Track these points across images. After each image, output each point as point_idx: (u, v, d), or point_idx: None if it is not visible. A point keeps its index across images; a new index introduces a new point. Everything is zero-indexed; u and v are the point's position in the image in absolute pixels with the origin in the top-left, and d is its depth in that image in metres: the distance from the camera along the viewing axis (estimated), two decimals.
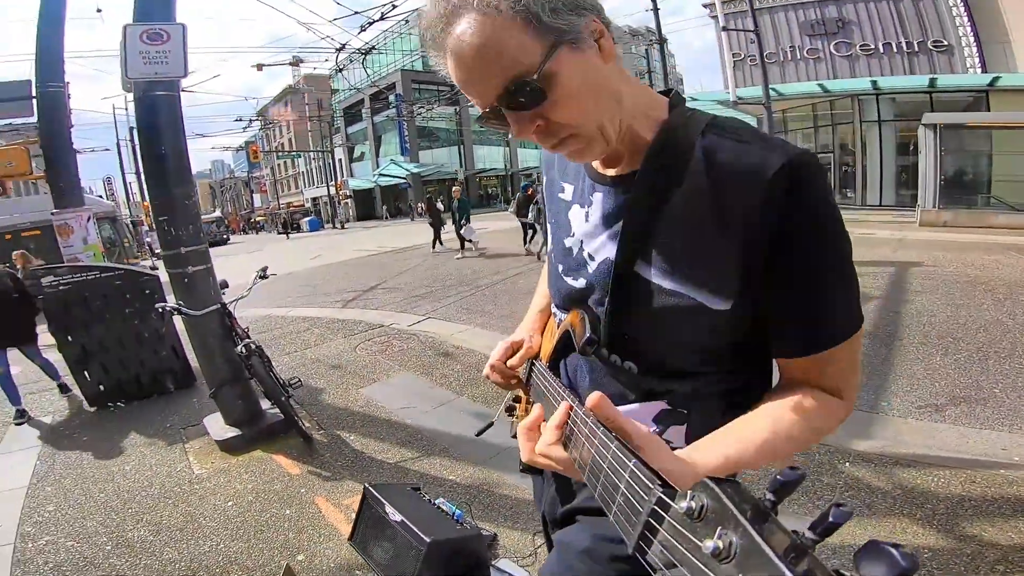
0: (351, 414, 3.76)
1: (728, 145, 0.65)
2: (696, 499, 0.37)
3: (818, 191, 0.62)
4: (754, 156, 0.62)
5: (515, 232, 13.58)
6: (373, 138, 40.46)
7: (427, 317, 6.40)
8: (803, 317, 0.65)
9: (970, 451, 2.56)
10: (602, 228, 0.77)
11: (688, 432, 0.79)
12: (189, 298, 3.38)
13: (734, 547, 0.33)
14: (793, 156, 0.61)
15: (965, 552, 1.92)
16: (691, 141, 0.67)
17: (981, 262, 6.83)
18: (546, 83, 0.60)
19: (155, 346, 4.52)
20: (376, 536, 2.04)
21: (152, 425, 3.97)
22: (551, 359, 0.94)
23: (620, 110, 0.68)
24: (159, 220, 3.32)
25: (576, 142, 0.67)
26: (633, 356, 0.77)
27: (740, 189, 0.62)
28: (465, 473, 2.83)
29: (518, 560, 2.11)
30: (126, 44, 3.05)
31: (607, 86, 0.66)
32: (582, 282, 0.80)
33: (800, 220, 0.61)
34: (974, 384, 3.27)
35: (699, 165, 0.66)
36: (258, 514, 2.61)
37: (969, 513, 2.12)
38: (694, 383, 0.76)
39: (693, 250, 0.66)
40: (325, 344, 5.65)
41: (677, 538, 0.39)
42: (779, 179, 0.60)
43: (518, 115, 0.64)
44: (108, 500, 2.94)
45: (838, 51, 16.44)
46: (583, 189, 0.81)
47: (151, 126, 3.23)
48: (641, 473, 0.45)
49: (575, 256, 0.82)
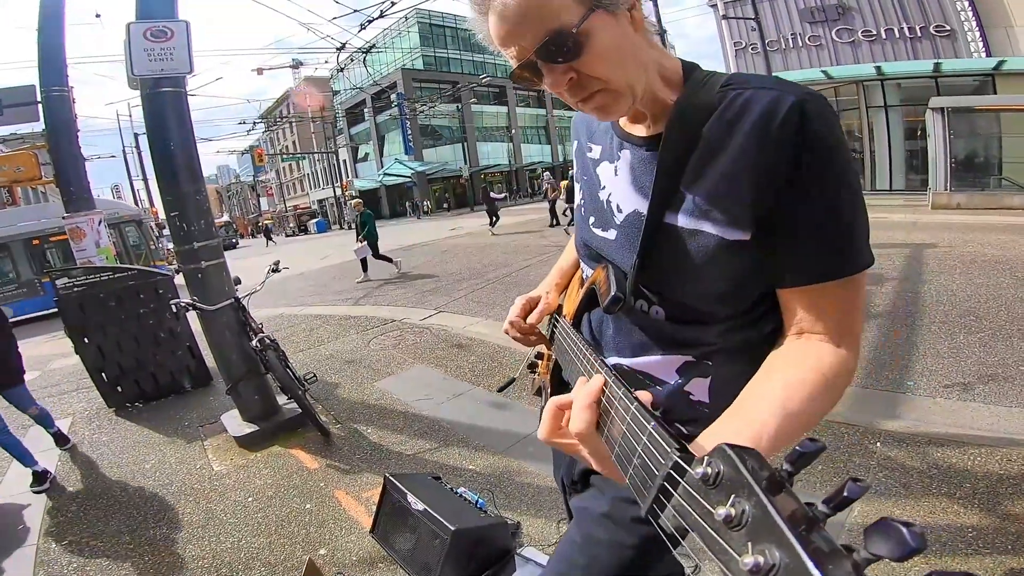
0: (367, 407, 3.75)
1: (744, 93, 0.69)
2: (713, 465, 0.37)
3: (828, 126, 0.65)
4: (767, 98, 0.66)
5: (525, 223, 13.64)
6: (376, 138, 40.56)
7: (439, 311, 6.39)
8: (819, 243, 0.67)
9: (1002, 429, 2.48)
10: (630, 183, 0.81)
11: (711, 384, 0.81)
12: (203, 294, 3.38)
13: (746, 515, 0.33)
14: (803, 95, 0.65)
15: (1010, 531, 1.86)
16: (712, 97, 0.71)
17: (997, 242, 6.72)
18: (582, 39, 0.65)
19: (171, 345, 4.54)
20: (398, 527, 2.02)
21: (170, 424, 3.98)
22: (575, 315, 0.95)
23: (646, 74, 0.72)
24: (171, 216, 3.32)
25: (604, 96, 0.70)
26: (660, 302, 0.79)
27: (755, 128, 0.66)
28: (485, 462, 2.81)
29: (543, 548, 2.07)
30: (130, 42, 3.06)
31: (636, 51, 0.70)
32: (612, 233, 0.84)
33: (812, 152, 0.64)
34: (1000, 362, 3.19)
35: (717, 119, 0.70)
36: (278, 509, 2.60)
37: (1010, 492, 2.05)
38: (719, 331, 0.77)
39: (715, 190, 0.69)
40: (338, 340, 5.65)
41: (691, 503, 0.39)
42: (791, 115, 0.63)
43: (553, 67, 0.68)
44: (129, 499, 2.94)
45: (840, 37, 16.37)
46: (611, 147, 0.86)
47: (159, 123, 3.22)
48: (660, 436, 0.46)
49: (605, 208, 0.86)
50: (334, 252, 16.27)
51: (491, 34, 0.69)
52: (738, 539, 0.33)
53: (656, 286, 0.79)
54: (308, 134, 47.45)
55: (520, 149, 42.92)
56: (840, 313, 0.69)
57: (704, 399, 0.81)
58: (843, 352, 0.68)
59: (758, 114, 0.66)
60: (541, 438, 0.65)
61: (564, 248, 1.17)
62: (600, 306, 0.81)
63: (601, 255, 0.87)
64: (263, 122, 38.79)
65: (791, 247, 0.68)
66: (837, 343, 0.68)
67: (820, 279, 0.67)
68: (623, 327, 0.86)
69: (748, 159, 0.66)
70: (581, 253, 0.96)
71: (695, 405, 0.81)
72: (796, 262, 0.68)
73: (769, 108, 0.65)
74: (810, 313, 0.69)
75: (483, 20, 0.70)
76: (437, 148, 38.67)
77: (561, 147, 46.86)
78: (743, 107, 0.67)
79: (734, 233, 0.69)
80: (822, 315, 0.69)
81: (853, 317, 0.70)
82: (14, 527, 2.80)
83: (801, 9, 16.77)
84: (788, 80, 0.70)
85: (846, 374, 0.67)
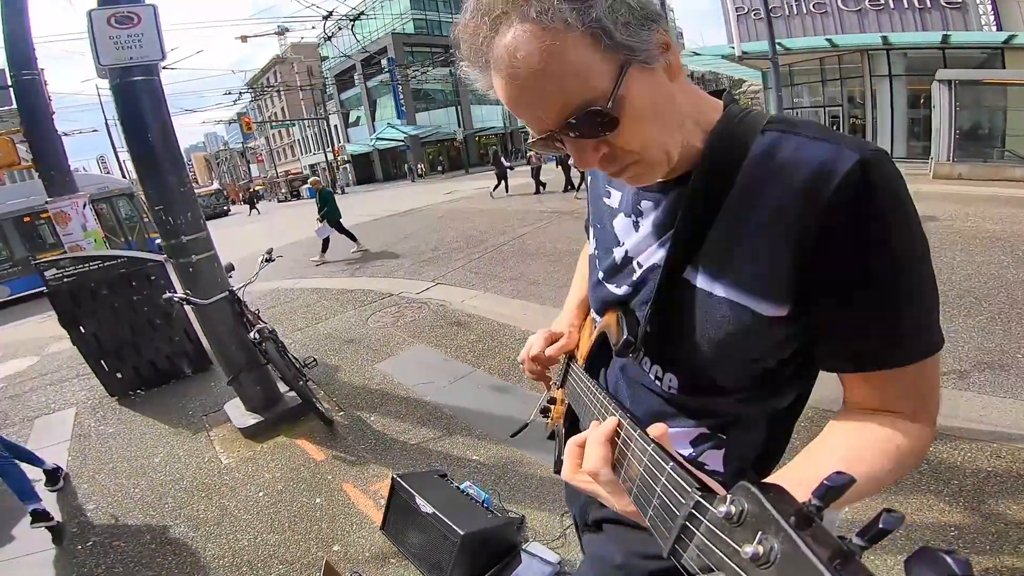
0: (369, 392, 3.77)
1: (790, 142, 0.59)
2: (736, 503, 0.36)
3: (894, 194, 0.55)
4: (821, 153, 0.56)
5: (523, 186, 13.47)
6: (368, 103, 39.61)
7: (436, 283, 6.38)
8: (886, 329, 0.58)
9: (994, 422, 2.51)
10: (652, 237, 0.72)
11: (725, 455, 0.77)
12: (195, 287, 3.32)
13: (775, 552, 0.32)
14: (867, 155, 0.54)
15: (991, 531, 1.90)
16: (746, 141, 0.62)
17: (999, 216, 6.69)
18: (617, 110, 0.55)
19: (167, 331, 4.51)
20: (408, 526, 2.05)
21: (174, 412, 4.00)
22: (587, 361, 0.92)
23: (682, 131, 0.63)
24: (155, 210, 3.21)
25: (639, 167, 0.62)
26: (675, 368, 0.73)
27: (804, 189, 0.56)
28: (489, 452, 2.84)
29: (547, 542, 2.12)
30: (93, 30, 2.85)
31: (673, 107, 0.60)
32: (624, 289, 0.77)
33: (874, 225, 0.54)
34: (998, 349, 3.21)
35: (756, 166, 0.60)
36: (289, 504, 2.64)
37: (995, 490, 2.09)
38: (736, 401, 0.72)
39: (748, 254, 0.61)
40: (336, 317, 5.64)
41: (715, 542, 0.38)
42: (850, 179, 0.53)
43: (582, 143, 0.58)
44: (144, 496, 2.96)
45: (846, 5, 15.88)
46: (630, 198, 0.77)
47: (133, 115, 3.05)
48: (679, 476, 0.44)
49: (620, 266, 0.78)
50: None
51: (498, 94, 0.58)
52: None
53: (669, 346, 0.72)
54: (297, 101, 46.16)
55: None
56: (915, 396, 0.61)
57: (718, 468, 0.78)
58: (917, 426, 0.61)
59: (811, 170, 0.55)
60: (564, 477, 0.63)
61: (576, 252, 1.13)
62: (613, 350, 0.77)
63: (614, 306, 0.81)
64: (250, 91, 37.55)
65: (851, 331, 0.59)
66: (912, 419, 0.61)
67: (887, 366, 0.59)
68: (637, 396, 0.82)
69: (794, 223, 0.56)
70: (593, 305, 0.91)
71: (708, 474, 0.80)
72: (860, 347, 0.60)
73: (825, 165, 0.55)
74: (882, 396, 0.62)
75: (483, 75, 0.59)
76: (430, 112, 37.91)
77: None
78: (791, 158, 0.58)
79: (768, 308, 0.60)
80: (895, 398, 0.61)
81: (929, 397, 0.62)
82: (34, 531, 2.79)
83: None
84: (840, 133, 0.60)
85: (921, 448, 0.61)
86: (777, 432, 0.77)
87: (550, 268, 6.46)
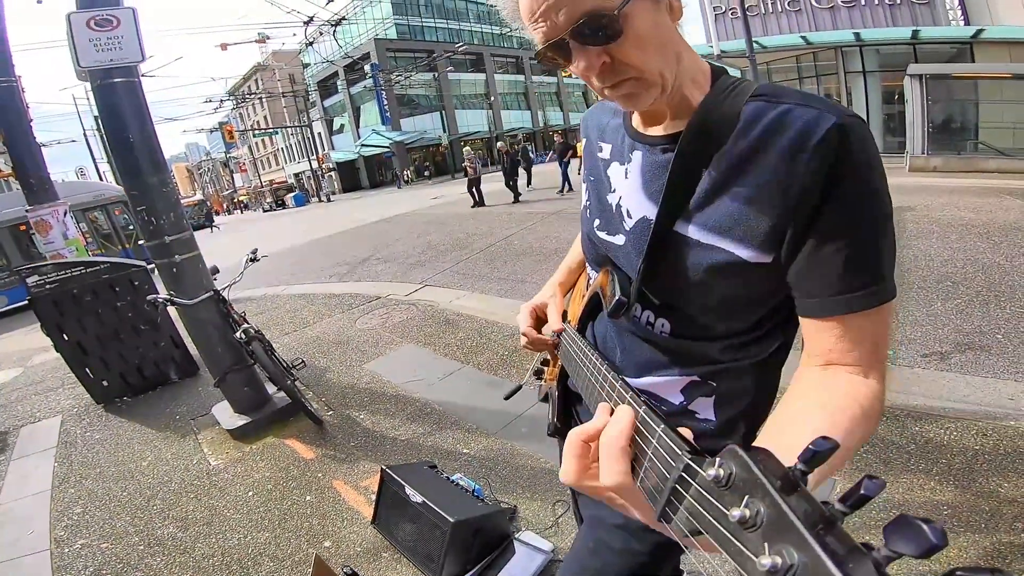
0: (358, 391, 3.75)
1: (776, 107, 0.65)
2: (724, 466, 0.37)
3: (868, 152, 0.62)
4: (803, 116, 0.62)
5: (502, 193, 13.54)
6: (352, 109, 39.47)
7: (424, 285, 6.36)
8: (850, 274, 0.63)
9: (979, 401, 2.55)
10: (640, 186, 0.77)
11: (715, 402, 0.81)
12: (180, 288, 3.30)
13: (761, 516, 0.33)
14: (844, 117, 0.61)
15: (984, 509, 1.91)
16: (738, 105, 0.68)
17: (974, 205, 6.85)
18: (623, 21, 0.61)
19: (153, 337, 4.45)
20: (399, 518, 2.05)
21: (161, 417, 3.94)
22: (580, 321, 0.94)
23: (678, 67, 0.69)
24: (138, 211, 3.19)
25: (636, 85, 0.67)
26: (667, 314, 0.78)
27: (788, 148, 0.62)
28: (479, 445, 2.84)
29: (540, 531, 2.12)
30: (72, 32, 2.86)
31: (672, 41, 0.67)
32: (620, 239, 0.81)
33: (849, 179, 0.61)
34: (976, 330, 3.28)
35: (746, 127, 0.66)
36: (279, 502, 2.61)
37: (984, 468, 2.11)
38: (724, 347, 0.76)
39: (737, 207, 0.66)
40: (324, 320, 5.60)
41: (704, 505, 0.39)
42: (829, 138, 0.60)
43: (586, 50, 0.64)
44: (131, 498, 2.92)
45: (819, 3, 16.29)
46: (622, 147, 0.82)
47: (114, 115, 3.05)
48: (669, 439, 0.45)
49: (614, 212, 0.83)
50: (311, 226, 15.97)
51: (520, 7, 0.65)
52: (754, 540, 0.33)
53: (662, 295, 0.76)
54: (280, 108, 45.87)
55: (500, 116, 42.22)
56: (869, 344, 0.66)
57: (710, 416, 0.81)
58: (873, 383, 0.65)
59: (795, 132, 0.62)
60: (567, 482, 0.55)
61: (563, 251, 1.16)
62: (604, 311, 0.80)
63: (607, 259, 0.85)
64: (231, 99, 37.20)
65: (819, 276, 0.64)
66: (866, 374, 0.65)
67: (849, 310, 0.64)
68: (628, 346, 0.85)
69: (779, 178, 0.63)
70: (588, 256, 0.94)
71: (700, 422, 0.82)
72: (824, 292, 0.65)
73: (808, 127, 0.61)
74: (839, 344, 0.66)
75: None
76: (415, 117, 37.87)
77: (541, 112, 46.25)
78: (778, 122, 0.64)
79: (755, 254, 0.66)
80: (851, 346, 0.66)
81: (881, 347, 0.67)
82: (24, 532, 2.76)
83: None
84: (825, 98, 0.66)
85: (879, 405, 0.65)
86: (765, 380, 0.81)
87: (537, 267, 6.48)
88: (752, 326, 0.75)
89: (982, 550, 1.76)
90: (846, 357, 0.66)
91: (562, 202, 11.68)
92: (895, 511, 1.94)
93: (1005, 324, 3.34)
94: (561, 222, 9.40)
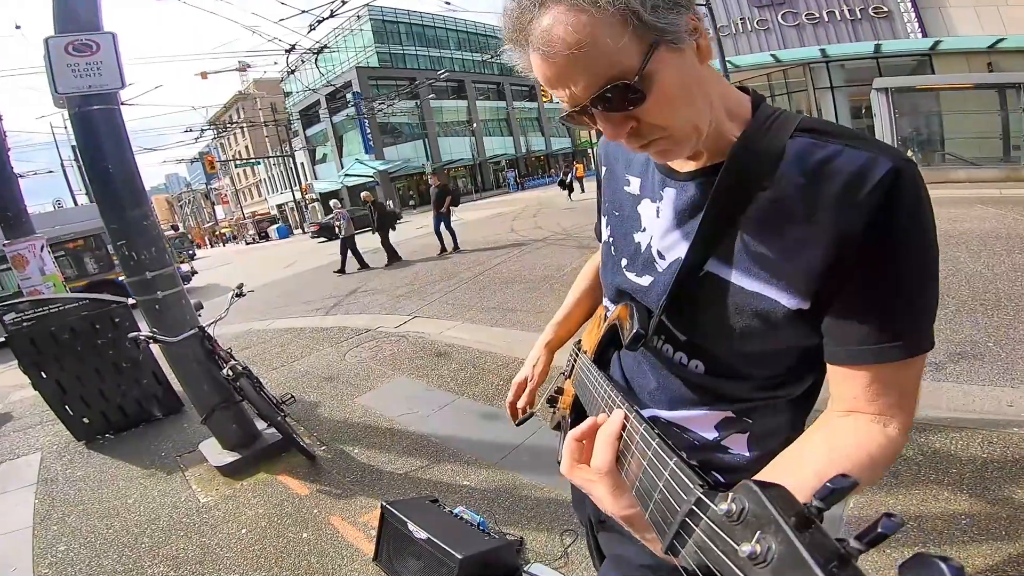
0: (351, 426, 3.65)
1: (825, 147, 0.62)
2: (737, 501, 0.36)
3: (921, 201, 0.58)
4: (856, 159, 0.59)
5: (495, 220, 13.55)
6: (334, 138, 39.62)
7: (413, 316, 6.29)
8: (887, 323, 0.61)
9: (979, 410, 2.56)
10: (674, 225, 0.74)
11: (749, 439, 0.78)
12: (163, 324, 3.18)
13: (772, 552, 0.32)
14: (899, 162, 0.58)
15: (1002, 516, 1.90)
16: (781, 141, 0.64)
17: (950, 216, 7.03)
18: (645, 85, 0.58)
19: (135, 374, 4.30)
20: (402, 555, 1.96)
21: (146, 455, 3.80)
22: (596, 352, 0.93)
23: (711, 111, 0.65)
24: (118, 245, 3.08)
25: (667, 143, 0.64)
26: (699, 355, 0.75)
27: (839, 195, 0.59)
28: (479, 477, 2.76)
29: (549, 563, 2.05)
30: (50, 58, 2.79)
31: (702, 88, 0.63)
32: (647, 280, 0.78)
33: (899, 228, 0.58)
34: (967, 339, 3.32)
35: (791, 168, 0.62)
36: (275, 540, 2.50)
37: (995, 476, 2.10)
38: (760, 387, 0.74)
39: (777, 250, 0.63)
40: (312, 355, 5.49)
41: (713, 540, 0.38)
42: (883, 184, 0.57)
43: (610, 116, 0.61)
44: (118, 536, 2.79)
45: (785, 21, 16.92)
46: (652, 184, 0.78)
47: (92, 144, 2.95)
48: (682, 472, 0.45)
49: (643, 252, 0.79)
50: (299, 259, 15.83)
51: (535, 72, 0.62)
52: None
53: (690, 334, 0.74)
54: (261, 138, 45.91)
55: (482, 142, 42.75)
56: (896, 394, 0.63)
57: (743, 452, 0.79)
58: (892, 431, 0.63)
59: (847, 177, 0.58)
60: (563, 472, 0.63)
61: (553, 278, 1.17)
62: (623, 344, 0.77)
63: (628, 295, 0.82)
64: (212, 128, 37.14)
65: (853, 325, 0.62)
66: (887, 423, 0.63)
67: (878, 361, 0.61)
68: (662, 380, 0.81)
69: (828, 226, 0.59)
70: (607, 293, 0.91)
71: (733, 456, 0.79)
72: (856, 341, 0.62)
73: (861, 173, 0.58)
74: (865, 392, 0.64)
75: (523, 56, 0.62)
76: (398, 145, 38.06)
77: (523, 139, 46.93)
78: (828, 165, 0.60)
79: (794, 300, 0.63)
80: (877, 395, 0.63)
81: (908, 397, 0.65)
82: (6, 570, 2.63)
83: None
84: (876, 139, 0.64)
85: (892, 453, 0.63)
86: (798, 417, 0.79)
87: (527, 295, 6.47)
88: (788, 367, 0.73)
89: (1007, 556, 1.75)
90: (870, 406, 0.63)
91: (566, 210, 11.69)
92: (912, 522, 1.93)
93: (995, 332, 3.40)
94: (550, 249, 9.45)
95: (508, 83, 45.11)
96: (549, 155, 49.11)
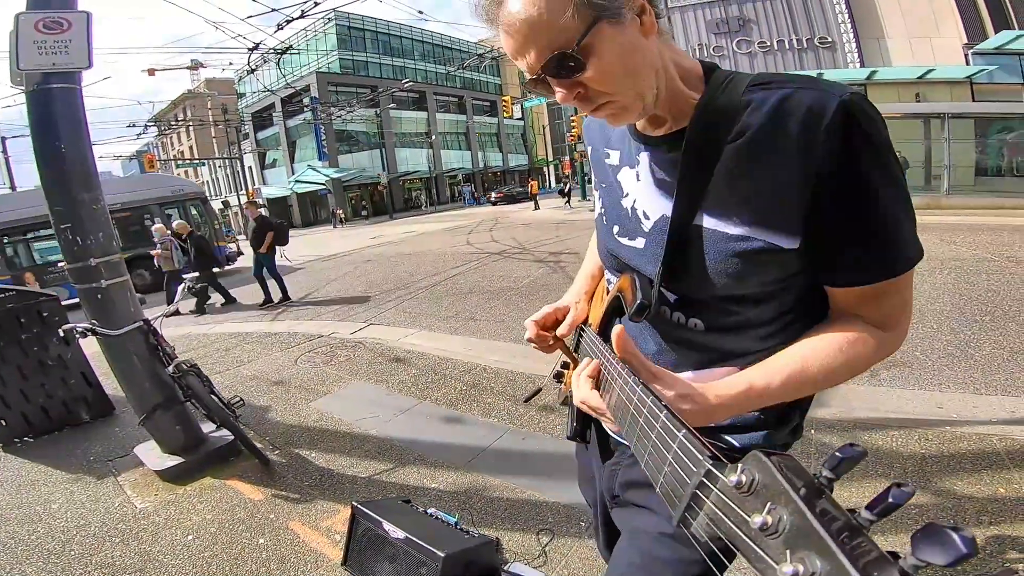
0: (306, 430, 3.46)
1: (779, 93, 0.67)
2: (747, 472, 0.37)
3: (875, 125, 0.64)
4: (809, 98, 0.64)
5: (449, 233, 13.45)
6: (287, 143, 38.40)
7: (369, 324, 6.11)
8: (872, 245, 0.66)
9: (913, 411, 2.78)
10: (653, 186, 0.79)
11: None
12: (104, 316, 2.92)
13: (783, 523, 0.33)
14: (848, 95, 0.63)
15: (948, 507, 2.03)
16: (738, 95, 0.69)
17: None
18: (584, 55, 0.65)
19: (61, 374, 3.92)
20: (375, 557, 1.86)
21: (71, 459, 3.45)
22: (601, 325, 0.93)
23: (660, 79, 0.71)
24: (61, 229, 2.84)
25: (613, 108, 0.71)
26: (698, 312, 0.78)
27: (799, 130, 0.64)
28: (448, 479, 2.68)
29: (528, 562, 2.00)
30: (18, 33, 2.62)
31: (645, 59, 0.69)
32: (640, 241, 0.82)
33: (862, 154, 0.63)
34: (898, 350, 3.61)
35: (751, 115, 0.68)
36: (227, 547, 2.31)
37: (936, 470, 2.26)
38: (760, 336, 0.77)
39: (756, 194, 0.68)
40: (261, 359, 5.20)
41: (724, 511, 0.38)
42: (838, 116, 0.62)
43: (560, 83, 0.68)
44: (42, 542, 2.52)
45: (739, 48, 17.95)
46: (629, 151, 0.84)
47: (47, 121, 2.76)
48: (691, 444, 0.45)
49: (630, 215, 0.84)
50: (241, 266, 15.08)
51: (504, 46, 0.69)
52: (775, 547, 0.33)
53: (688, 291, 0.77)
54: (208, 139, 43.88)
55: (440, 155, 42.66)
56: (891, 307, 0.71)
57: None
58: (881, 332, 0.70)
59: (804, 115, 0.63)
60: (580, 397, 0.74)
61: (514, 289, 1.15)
62: (626, 314, 0.77)
63: (628, 265, 0.85)
64: (156, 125, 35.13)
65: (843, 250, 0.67)
66: (883, 328, 0.71)
67: (873, 279, 0.67)
68: (665, 345, 0.83)
69: (796, 163, 0.64)
70: (606, 264, 0.94)
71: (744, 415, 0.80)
72: (848, 264, 0.68)
73: (815, 109, 0.63)
74: (862, 309, 0.71)
75: (496, 34, 0.70)
76: (354, 154, 37.39)
77: (481, 153, 47.20)
78: (784, 107, 0.65)
79: (783, 240, 0.67)
80: (874, 309, 0.70)
81: (903, 309, 0.72)
82: None
83: (708, 20, 18.28)
84: (821, 78, 0.68)
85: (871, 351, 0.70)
86: None
87: (487, 304, 6.43)
88: (783, 312, 0.76)
89: None
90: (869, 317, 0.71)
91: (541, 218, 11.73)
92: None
93: (921, 343, 3.74)
94: (508, 262, 9.46)
95: (470, 97, 45.41)
96: (506, 171, 49.58)
